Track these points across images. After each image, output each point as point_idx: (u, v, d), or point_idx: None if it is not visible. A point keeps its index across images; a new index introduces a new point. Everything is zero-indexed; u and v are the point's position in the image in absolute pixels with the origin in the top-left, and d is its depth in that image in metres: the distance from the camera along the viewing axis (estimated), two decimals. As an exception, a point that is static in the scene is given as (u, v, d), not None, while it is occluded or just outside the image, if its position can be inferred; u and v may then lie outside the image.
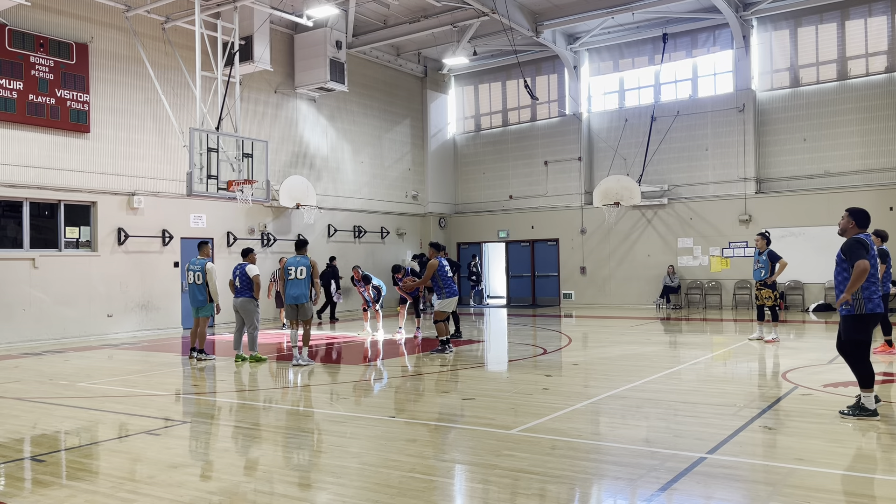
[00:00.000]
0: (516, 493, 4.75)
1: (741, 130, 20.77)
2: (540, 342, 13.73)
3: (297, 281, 10.88)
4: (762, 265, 12.52)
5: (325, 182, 21.19)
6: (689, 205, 21.55)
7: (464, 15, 19.91)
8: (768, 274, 12.45)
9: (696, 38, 21.78)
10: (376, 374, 10.41)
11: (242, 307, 11.38)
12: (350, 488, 4.87)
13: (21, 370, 10.92)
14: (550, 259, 24.13)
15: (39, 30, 14.77)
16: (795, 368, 9.64)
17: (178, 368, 11.28)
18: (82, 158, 15.44)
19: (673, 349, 12.56)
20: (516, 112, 25.09)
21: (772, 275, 12.42)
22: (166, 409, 7.88)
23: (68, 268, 15.16)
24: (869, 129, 19.34)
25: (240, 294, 11.37)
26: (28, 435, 6.71)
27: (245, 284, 11.32)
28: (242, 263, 11.48)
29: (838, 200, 18.54)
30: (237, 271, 11.43)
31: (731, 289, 20.87)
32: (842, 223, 6.85)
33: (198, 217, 17.65)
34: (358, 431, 6.61)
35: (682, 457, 5.46)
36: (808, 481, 4.84)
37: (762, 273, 12.53)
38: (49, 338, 14.69)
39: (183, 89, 16.97)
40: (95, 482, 5.15)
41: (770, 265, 12.44)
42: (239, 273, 11.38)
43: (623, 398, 7.83)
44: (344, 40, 20.15)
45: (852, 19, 19.61)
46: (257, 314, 11.48)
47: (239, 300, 11.38)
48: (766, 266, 12.46)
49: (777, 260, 12.43)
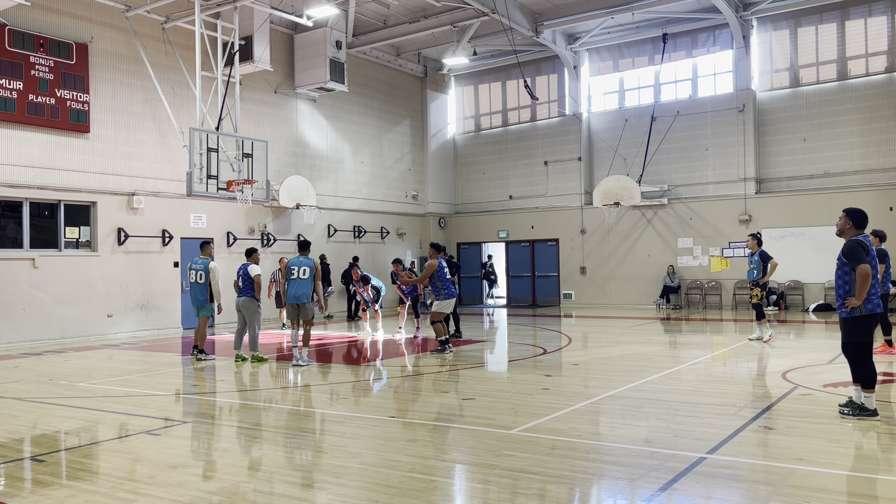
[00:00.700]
0: (516, 493, 4.75)
1: (741, 130, 20.77)
2: (540, 342, 13.73)
3: (300, 281, 10.92)
4: (754, 266, 12.74)
5: (325, 182, 21.20)
6: (689, 205, 21.55)
7: (464, 15, 19.92)
8: (761, 274, 12.63)
9: (696, 38, 21.78)
10: (376, 375, 10.41)
11: (244, 307, 11.45)
12: (350, 488, 4.87)
13: (21, 370, 10.92)
14: (550, 259, 24.13)
15: (39, 30, 14.77)
16: (795, 368, 9.64)
17: (178, 368, 11.28)
18: (82, 158, 15.44)
19: (673, 349, 12.56)
20: (516, 112, 25.09)
21: (764, 275, 12.58)
22: (166, 409, 7.88)
23: (68, 268, 15.16)
24: (869, 129, 19.34)
25: (242, 294, 11.44)
26: (28, 435, 6.71)
27: (247, 284, 11.38)
28: (246, 263, 11.55)
29: (838, 200, 18.53)
30: (241, 271, 11.50)
31: (731, 289, 20.87)
32: (839, 224, 6.86)
33: (198, 217, 17.65)
34: (358, 431, 6.61)
35: (682, 457, 5.46)
36: (808, 481, 4.85)
37: (755, 273, 12.73)
38: (49, 338, 14.69)
39: (183, 89, 16.97)
40: (95, 482, 5.15)
41: (762, 265, 12.62)
42: (242, 273, 11.44)
43: (623, 398, 7.83)
44: (344, 40, 20.15)
45: (852, 19, 19.61)
46: (259, 314, 11.55)
47: (241, 300, 11.45)
48: (759, 266, 12.67)
49: (768, 260, 12.61)
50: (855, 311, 6.53)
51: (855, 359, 6.64)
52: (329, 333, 16.02)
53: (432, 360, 11.31)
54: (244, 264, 11.56)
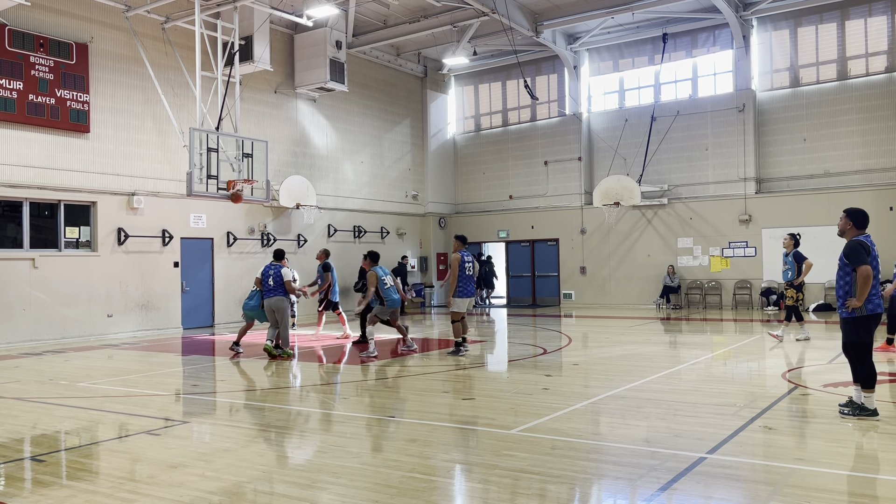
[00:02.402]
0: (516, 493, 4.75)
1: (741, 130, 20.78)
2: (540, 342, 13.73)
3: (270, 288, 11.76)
4: (788, 266, 12.42)
5: (325, 182, 21.20)
6: (689, 205, 21.56)
7: (464, 15, 19.92)
8: (795, 275, 12.33)
9: (696, 38, 21.78)
10: (376, 374, 10.40)
11: (276, 306, 11.77)
12: (350, 488, 4.87)
13: (21, 370, 10.92)
14: (550, 259, 24.13)
15: (39, 30, 14.77)
16: (795, 368, 9.64)
17: (178, 368, 11.29)
18: (82, 158, 15.44)
19: (673, 349, 12.56)
20: (516, 112, 25.10)
21: (799, 276, 12.30)
22: (166, 409, 7.88)
23: (68, 268, 15.16)
24: (869, 129, 19.34)
25: (273, 293, 11.78)
26: (28, 435, 6.71)
27: (279, 284, 11.79)
28: (277, 265, 11.93)
29: (838, 200, 18.55)
30: (270, 271, 11.85)
31: (731, 289, 20.87)
32: (840, 224, 6.86)
33: (198, 217, 17.65)
34: (358, 431, 6.62)
35: (682, 457, 5.46)
36: (808, 481, 4.85)
37: (789, 274, 12.42)
38: (49, 338, 14.69)
39: (183, 89, 16.97)
40: (95, 482, 5.15)
41: (796, 266, 12.32)
42: (273, 274, 11.81)
43: (623, 398, 7.83)
44: (344, 40, 20.15)
45: (852, 19, 19.61)
46: (289, 312, 12.08)
47: (273, 299, 11.78)
48: (793, 267, 12.34)
49: (803, 261, 12.32)
50: (856, 312, 6.54)
51: (855, 359, 6.65)
52: (327, 333, 16.01)
53: (433, 360, 11.30)
54: (275, 265, 11.92)
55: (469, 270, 11.65)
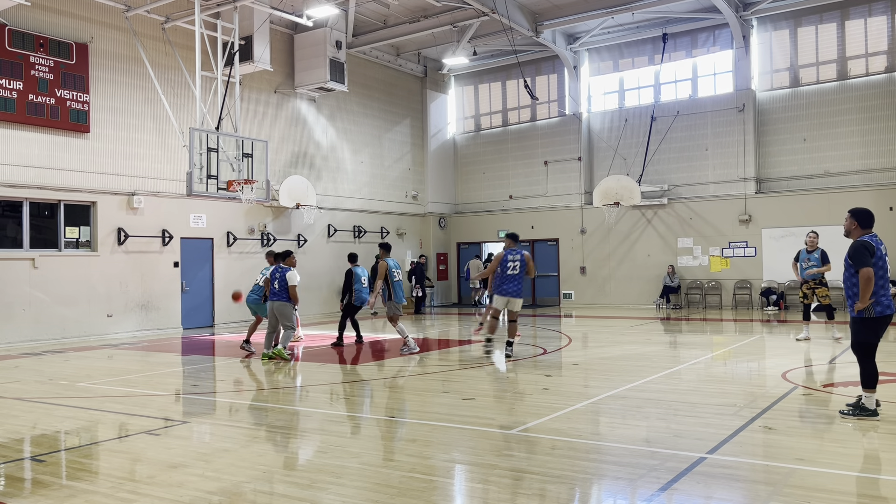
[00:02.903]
0: (516, 493, 4.75)
1: (741, 130, 20.78)
2: (540, 342, 13.73)
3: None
4: (814, 263, 12.28)
5: (325, 182, 21.20)
6: (689, 205, 21.56)
7: (464, 15, 19.92)
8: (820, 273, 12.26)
9: (696, 38, 21.78)
10: (376, 374, 10.40)
11: (280, 311, 11.38)
12: (350, 488, 4.87)
13: (21, 370, 10.92)
14: (550, 259, 24.13)
15: (39, 30, 14.77)
16: (795, 368, 9.64)
17: (177, 368, 11.28)
18: (82, 158, 15.44)
19: (673, 349, 12.56)
20: (516, 112, 25.09)
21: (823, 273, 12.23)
22: (166, 409, 7.88)
23: (68, 268, 15.15)
24: (869, 129, 19.34)
25: (278, 297, 11.36)
26: (28, 435, 6.71)
27: (284, 287, 11.33)
28: (283, 267, 11.45)
29: (838, 200, 18.55)
30: (276, 274, 11.41)
31: (731, 289, 20.87)
32: (846, 225, 6.84)
33: (198, 217, 17.65)
34: (358, 431, 6.61)
35: (682, 457, 5.46)
36: (808, 481, 4.84)
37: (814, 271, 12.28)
38: (49, 338, 14.69)
39: (183, 89, 16.97)
40: (95, 482, 5.15)
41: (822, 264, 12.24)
42: (279, 277, 11.36)
43: (623, 398, 7.83)
44: (344, 40, 20.15)
45: (852, 19, 19.61)
46: (293, 318, 11.60)
47: (277, 303, 11.36)
48: (818, 265, 12.25)
49: (828, 262, 12.23)
50: (864, 312, 6.50)
51: (859, 358, 6.63)
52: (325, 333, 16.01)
53: (433, 360, 11.30)
54: (281, 268, 11.44)
55: (512, 269, 11.07)
